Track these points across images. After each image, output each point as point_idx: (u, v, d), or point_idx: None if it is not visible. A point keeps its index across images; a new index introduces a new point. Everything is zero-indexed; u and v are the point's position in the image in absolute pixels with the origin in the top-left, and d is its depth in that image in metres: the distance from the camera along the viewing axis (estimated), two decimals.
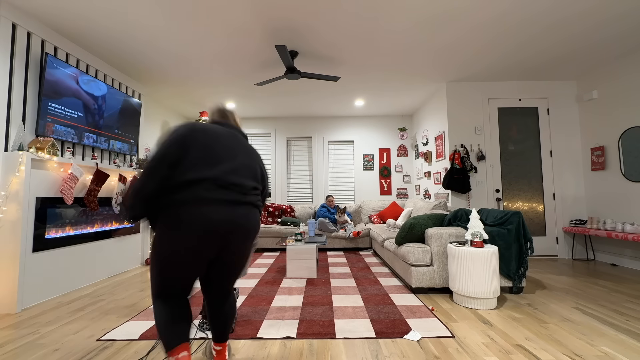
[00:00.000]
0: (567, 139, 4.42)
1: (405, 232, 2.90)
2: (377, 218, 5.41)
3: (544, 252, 4.34)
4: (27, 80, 2.75)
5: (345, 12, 2.77)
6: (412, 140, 6.18)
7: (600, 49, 3.52)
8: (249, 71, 4.04)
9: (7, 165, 2.51)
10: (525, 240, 2.67)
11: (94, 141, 3.36)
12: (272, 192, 6.26)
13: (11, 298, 2.42)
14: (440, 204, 3.80)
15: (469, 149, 4.43)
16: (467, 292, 2.37)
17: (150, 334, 1.94)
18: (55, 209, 2.84)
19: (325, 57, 3.67)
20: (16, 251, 2.45)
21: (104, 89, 3.49)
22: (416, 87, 4.69)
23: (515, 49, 3.51)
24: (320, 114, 6.14)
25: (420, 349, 1.76)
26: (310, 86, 4.62)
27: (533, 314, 2.27)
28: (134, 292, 2.89)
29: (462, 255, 2.40)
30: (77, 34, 3.08)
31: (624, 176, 3.72)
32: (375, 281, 3.14)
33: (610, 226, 3.71)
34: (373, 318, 2.18)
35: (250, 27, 3.00)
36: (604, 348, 1.74)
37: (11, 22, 2.60)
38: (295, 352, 1.73)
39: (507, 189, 4.42)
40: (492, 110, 4.50)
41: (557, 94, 4.47)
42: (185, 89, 4.66)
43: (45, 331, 2.05)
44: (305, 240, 3.53)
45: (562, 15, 2.86)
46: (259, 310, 2.37)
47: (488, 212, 2.93)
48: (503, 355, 1.68)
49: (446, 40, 3.28)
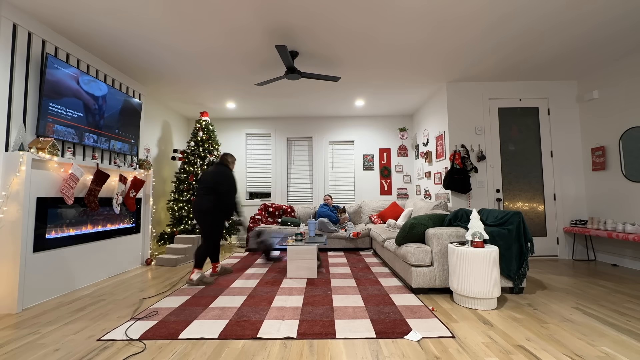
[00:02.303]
0: (568, 139, 4.42)
1: (406, 232, 2.89)
2: (377, 218, 5.41)
3: (545, 253, 4.33)
4: (28, 81, 2.75)
5: (345, 12, 2.77)
6: (413, 141, 6.17)
7: (600, 49, 3.51)
8: (249, 71, 4.04)
9: (7, 166, 2.52)
10: (526, 241, 2.67)
11: (94, 141, 3.37)
12: (272, 192, 6.26)
13: (12, 298, 2.42)
14: (440, 204, 3.80)
15: (469, 149, 4.43)
16: (468, 293, 2.37)
17: (150, 334, 1.95)
18: (55, 209, 2.85)
19: (326, 58, 3.67)
20: (17, 251, 2.45)
21: (105, 89, 3.50)
22: (416, 87, 4.69)
23: (516, 50, 3.50)
24: (320, 114, 6.15)
25: (421, 349, 1.76)
26: (310, 86, 4.62)
27: (533, 314, 2.26)
28: (134, 292, 2.89)
29: (463, 256, 2.40)
30: (77, 34, 3.08)
31: (625, 176, 3.71)
32: (375, 281, 3.14)
33: (611, 226, 3.71)
34: (373, 318, 2.18)
35: (251, 27, 3.00)
36: (604, 348, 1.74)
37: (12, 22, 2.60)
38: (295, 352, 1.73)
39: (508, 189, 4.42)
40: (493, 110, 4.50)
41: (557, 94, 4.46)
42: (186, 89, 4.66)
43: (45, 331, 2.05)
44: (305, 240, 3.53)
45: (563, 18, 2.86)
46: (259, 310, 2.37)
47: (488, 212, 2.93)
48: (503, 355, 1.68)
49: (448, 42, 3.27)
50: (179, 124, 6.08)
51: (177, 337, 1.91)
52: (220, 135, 6.40)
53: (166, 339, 1.90)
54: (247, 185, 6.33)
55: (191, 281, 3.03)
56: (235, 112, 5.92)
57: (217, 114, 6.09)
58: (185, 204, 4.95)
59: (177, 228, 4.90)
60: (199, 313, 2.31)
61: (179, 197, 5.01)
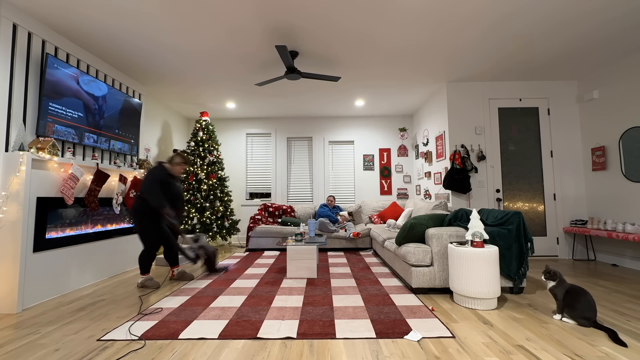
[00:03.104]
0: (568, 139, 4.42)
1: (406, 232, 2.89)
2: (377, 218, 5.41)
3: (545, 252, 4.33)
4: (28, 81, 2.75)
5: (345, 13, 2.77)
6: (413, 141, 6.17)
7: (601, 48, 3.51)
8: (249, 71, 4.04)
9: (7, 166, 2.52)
10: (526, 241, 2.67)
11: (94, 141, 3.37)
12: (272, 192, 6.26)
13: (12, 298, 2.42)
14: (440, 204, 3.80)
15: (469, 149, 4.43)
16: (468, 293, 2.37)
17: (150, 334, 1.94)
18: (55, 209, 2.85)
19: (326, 58, 3.67)
20: (17, 251, 2.45)
21: (105, 89, 3.50)
22: (416, 87, 4.69)
23: (517, 50, 3.50)
24: (320, 114, 6.15)
25: (421, 349, 1.76)
26: (310, 86, 4.62)
27: (533, 314, 2.26)
28: (135, 292, 2.89)
29: (463, 256, 2.40)
30: (77, 34, 3.08)
31: (625, 176, 3.71)
32: (375, 281, 3.14)
33: (611, 226, 3.71)
34: (373, 318, 2.18)
35: (251, 27, 3.00)
36: (604, 348, 1.74)
37: (12, 22, 2.60)
38: (295, 352, 1.73)
39: (508, 189, 4.42)
40: (493, 110, 4.50)
41: (557, 94, 4.46)
42: (186, 89, 4.66)
43: (45, 331, 2.05)
44: (305, 240, 3.53)
45: (564, 17, 2.86)
46: (259, 310, 2.37)
47: (488, 212, 2.93)
48: (503, 355, 1.68)
49: (448, 42, 3.27)
50: (179, 124, 6.08)
51: (177, 337, 1.91)
52: (220, 135, 6.40)
53: (166, 338, 1.90)
54: (247, 185, 6.33)
55: (138, 286, 3.03)
56: (235, 112, 5.92)
57: (217, 114, 6.09)
58: (185, 204, 4.95)
59: None
60: (199, 313, 2.31)
61: None
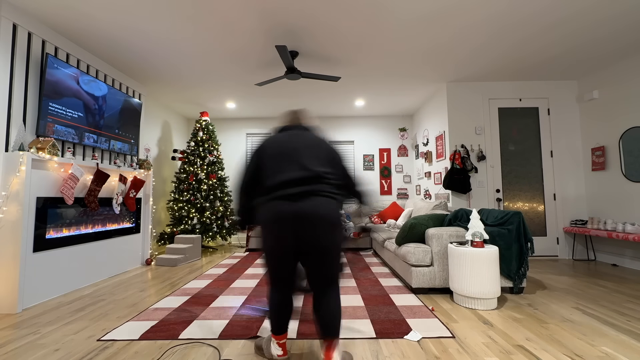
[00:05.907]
0: (568, 139, 4.42)
1: (406, 232, 2.89)
2: (377, 218, 5.41)
3: (545, 253, 4.33)
4: (28, 81, 2.75)
5: (345, 13, 2.77)
6: (413, 141, 6.17)
7: (601, 48, 3.51)
8: (249, 71, 4.04)
9: (7, 166, 2.51)
10: (526, 241, 2.67)
11: (94, 141, 3.37)
12: None
13: (12, 298, 2.42)
14: (440, 204, 3.80)
15: (469, 149, 4.43)
16: (468, 293, 2.36)
17: (150, 334, 1.94)
18: (55, 209, 2.85)
19: (326, 58, 3.67)
20: (17, 251, 2.45)
21: (105, 89, 3.50)
22: (416, 87, 4.69)
23: (517, 50, 3.49)
24: (320, 114, 6.14)
25: (421, 349, 1.75)
26: (310, 86, 4.62)
27: (533, 314, 2.26)
28: (135, 292, 2.89)
29: (463, 256, 2.39)
30: (77, 34, 3.08)
31: (625, 176, 3.71)
32: (375, 281, 3.14)
33: (611, 226, 3.71)
34: (373, 318, 2.18)
35: (251, 27, 3.00)
36: (604, 348, 1.74)
37: (12, 22, 2.60)
38: (295, 352, 1.73)
39: (508, 189, 4.42)
40: (493, 110, 4.50)
41: (557, 94, 4.46)
42: (186, 89, 4.66)
43: (45, 331, 2.05)
44: None
45: (562, 14, 2.86)
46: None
47: (488, 212, 2.93)
48: (503, 355, 1.68)
49: (449, 43, 3.27)
50: (179, 124, 6.08)
51: (177, 337, 1.91)
52: (220, 135, 6.40)
53: (166, 339, 1.90)
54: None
55: None
56: (235, 112, 5.92)
57: (217, 114, 6.09)
58: (185, 204, 4.95)
59: (177, 228, 4.90)
60: (199, 313, 2.31)
61: (179, 197, 5.01)
